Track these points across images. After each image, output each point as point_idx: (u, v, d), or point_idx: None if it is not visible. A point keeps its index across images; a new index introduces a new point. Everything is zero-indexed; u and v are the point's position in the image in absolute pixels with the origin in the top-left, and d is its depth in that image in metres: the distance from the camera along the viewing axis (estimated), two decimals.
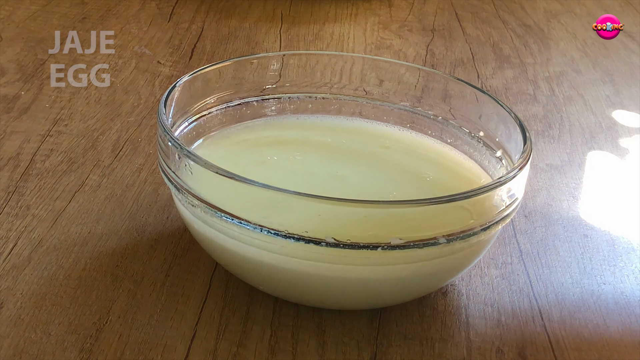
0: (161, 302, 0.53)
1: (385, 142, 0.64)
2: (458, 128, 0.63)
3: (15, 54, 0.87)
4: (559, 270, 0.59)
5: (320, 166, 0.60)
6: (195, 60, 0.89)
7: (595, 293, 0.57)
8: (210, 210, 0.50)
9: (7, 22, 0.95)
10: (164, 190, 0.64)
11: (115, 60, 0.87)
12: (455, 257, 0.51)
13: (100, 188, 0.64)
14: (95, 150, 0.70)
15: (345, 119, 0.66)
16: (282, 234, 0.48)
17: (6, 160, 0.67)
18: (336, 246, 0.48)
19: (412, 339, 0.52)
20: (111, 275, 0.55)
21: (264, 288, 0.54)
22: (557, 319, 0.55)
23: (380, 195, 0.57)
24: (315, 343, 0.51)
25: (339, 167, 0.60)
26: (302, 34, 0.99)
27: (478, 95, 0.62)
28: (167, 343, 0.50)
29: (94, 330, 0.50)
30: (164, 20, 0.99)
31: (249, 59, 0.65)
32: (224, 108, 0.63)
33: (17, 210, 0.61)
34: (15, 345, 0.49)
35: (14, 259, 0.56)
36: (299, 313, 0.53)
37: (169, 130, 0.53)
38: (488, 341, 0.52)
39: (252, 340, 0.51)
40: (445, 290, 0.56)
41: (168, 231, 0.60)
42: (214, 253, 0.54)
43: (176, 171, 0.52)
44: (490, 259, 0.60)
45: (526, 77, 0.91)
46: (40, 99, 0.78)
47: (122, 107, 0.77)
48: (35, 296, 0.53)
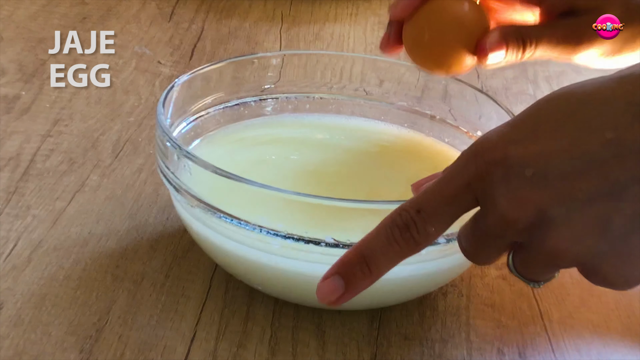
0: (161, 303, 0.53)
1: (384, 141, 0.64)
2: (456, 128, 0.63)
3: (16, 54, 0.86)
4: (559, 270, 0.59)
5: (319, 164, 0.60)
6: (195, 60, 0.89)
7: (595, 293, 0.57)
8: (209, 211, 0.50)
9: (7, 22, 0.95)
10: (164, 191, 0.64)
11: (116, 60, 0.87)
12: (455, 257, 0.51)
13: (101, 188, 0.64)
14: (95, 151, 0.70)
15: (345, 118, 0.66)
16: (281, 234, 0.48)
17: (6, 160, 0.67)
18: (336, 246, 0.48)
19: (412, 340, 0.52)
20: (111, 276, 0.55)
21: (264, 289, 0.54)
22: (557, 319, 0.55)
23: (380, 195, 0.57)
24: (315, 343, 0.51)
25: (338, 164, 0.60)
26: (302, 34, 0.99)
27: (478, 96, 0.62)
28: (167, 344, 0.50)
29: (94, 330, 0.50)
30: (164, 20, 0.99)
31: (249, 59, 0.65)
32: (223, 108, 0.63)
33: (17, 211, 0.61)
34: (15, 346, 0.49)
35: (14, 259, 0.56)
36: (298, 314, 0.53)
37: (168, 130, 0.53)
38: (488, 341, 0.52)
39: (252, 341, 0.51)
40: (446, 291, 0.56)
41: (168, 232, 0.60)
42: (214, 254, 0.54)
43: (175, 172, 0.52)
44: None
45: (526, 77, 0.91)
46: (40, 99, 0.78)
47: (122, 107, 0.77)
48: (35, 297, 0.53)
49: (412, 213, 0.41)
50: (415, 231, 0.41)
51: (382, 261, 0.42)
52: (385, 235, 0.42)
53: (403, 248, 0.42)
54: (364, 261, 0.42)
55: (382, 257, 0.42)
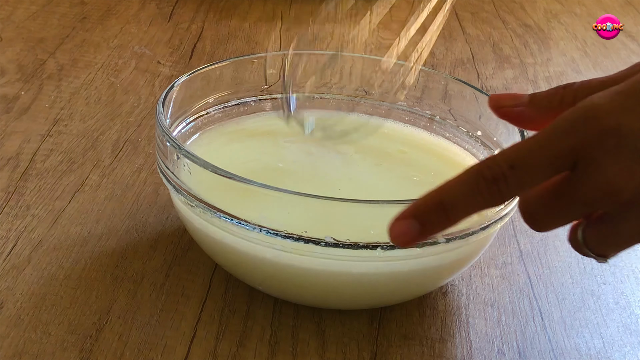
0: (161, 302, 0.53)
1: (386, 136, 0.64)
2: (456, 127, 0.63)
3: (15, 54, 0.87)
4: (559, 270, 0.59)
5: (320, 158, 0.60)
6: (195, 60, 0.89)
7: (595, 293, 0.57)
8: (209, 211, 0.50)
9: (7, 22, 0.95)
10: (164, 190, 0.64)
11: (115, 60, 0.87)
12: (455, 256, 0.51)
13: (100, 188, 0.64)
14: (95, 150, 0.70)
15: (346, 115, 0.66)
16: (281, 234, 0.48)
17: (6, 160, 0.67)
18: (336, 246, 0.48)
19: (412, 339, 0.52)
20: (111, 275, 0.55)
21: (264, 288, 0.54)
22: (557, 319, 0.55)
23: (380, 194, 0.57)
24: (316, 343, 0.51)
25: (337, 162, 0.60)
26: None
27: (477, 96, 0.62)
28: (167, 343, 0.50)
29: (94, 330, 0.50)
30: (164, 20, 0.99)
31: (249, 58, 0.65)
32: (223, 108, 0.63)
33: (17, 210, 0.61)
34: (15, 346, 0.49)
35: (13, 259, 0.56)
36: (299, 313, 0.53)
37: (167, 130, 0.53)
38: (488, 341, 0.52)
39: (252, 340, 0.51)
40: (446, 290, 0.56)
41: (168, 231, 0.60)
42: (214, 253, 0.54)
43: (175, 171, 0.52)
44: (490, 259, 0.60)
45: (526, 77, 0.91)
46: (40, 99, 0.78)
47: (122, 107, 0.77)
48: (35, 296, 0.53)
49: (505, 167, 0.40)
50: (504, 186, 0.40)
51: (461, 210, 0.41)
52: (469, 185, 0.41)
53: (487, 200, 0.41)
54: (442, 208, 0.41)
55: (462, 206, 0.41)
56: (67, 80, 0.82)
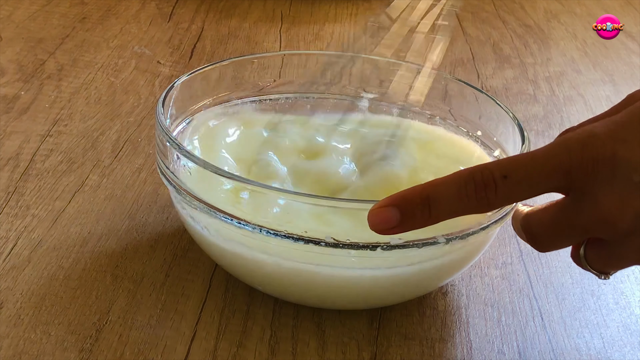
0: (161, 302, 0.53)
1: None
2: (456, 127, 0.63)
3: (15, 54, 0.86)
4: (559, 270, 0.59)
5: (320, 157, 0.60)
6: (195, 60, 0.89)
7: (595, 293, 0.57)
8: (209, 211, 0.50)
9: (7, 22, 0.95)
10: (164, 191, 0.64)
11: (115, 60, 0.87)
12: (455, 256, 0.51)
13: (100, 188, 0.64)
14: (95, 150, 0.70)
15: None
16: (281, 234, 0.48)
17: (6, 160, 0.67)
18: (336, 246, 0.48)
19: (412, 339, 0.52)
20: (111, 275, 0.55)
21: (264, 289, 0.54)
22: (557, 319, 0.55)
23: (379, 194, 0.57)
24: (315, 343, 0.51)
25: (337, 162, 0.60)
26: (302, 34, 0.99)
27: (478, 96, 0.62)
28: (167, 343, 0.50)
29: (94, 330, 0.50)
30: (164, 20, 0.99)
31: (249, 58, 0.65)
32: (223, 108, 0.63)
33: (17, 210, 0.61)
34: (15, 346, 0.49)
35: (13, 259, 0.56)
36: (298, 313, 0.53)
37: (167, 130, 0.53)
38: (488, 341, 0.52)
39: (252, 340, 0.51)
40: (446, 290, 0.56)
41: (168, 231, 0.60)
42: (213, 253, 0.54)
43: (175, 171, 0.52)
44: (490, 259, 0.60)
45: (526, 77, 0.91)
46: (40, 99, 0.78)
47: (122, 107, 0.77)
48: (35, 296, 0.53)
49: (497, 176, 0.41)
50: (492, 194, 0.41)
51: (445, 209, 0.42)
52: (457, 186, 0.41)
53: (472, 205, 0.41)
54: (427, 203, 0.41)
55: (447, 206, 0.41)
56: (67, 80, 0.82)
